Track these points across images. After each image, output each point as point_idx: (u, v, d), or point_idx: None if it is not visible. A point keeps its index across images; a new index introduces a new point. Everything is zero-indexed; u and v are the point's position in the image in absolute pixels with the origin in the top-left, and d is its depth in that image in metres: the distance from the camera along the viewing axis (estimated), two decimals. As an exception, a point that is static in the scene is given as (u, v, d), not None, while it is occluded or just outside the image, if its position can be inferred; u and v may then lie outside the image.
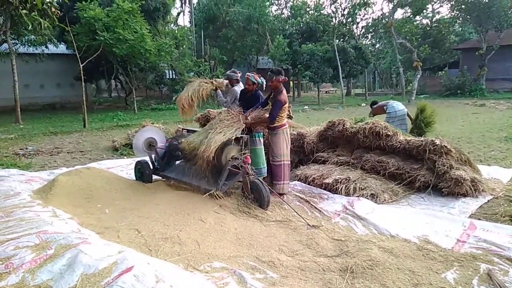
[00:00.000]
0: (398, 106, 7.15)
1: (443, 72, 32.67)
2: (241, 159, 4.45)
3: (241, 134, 4.59)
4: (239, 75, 5.55)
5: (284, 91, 4.74)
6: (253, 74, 4.91)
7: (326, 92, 37.10)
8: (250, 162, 4.42)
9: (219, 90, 5.38)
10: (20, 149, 8.49)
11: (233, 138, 4.47)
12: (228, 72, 5.58)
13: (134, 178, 5.55)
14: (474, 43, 26.24)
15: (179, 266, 2.88)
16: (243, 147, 4.58)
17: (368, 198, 4.53)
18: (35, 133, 10.83)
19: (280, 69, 4.76)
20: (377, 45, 38.98)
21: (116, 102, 23.77)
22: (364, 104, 20.47)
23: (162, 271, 2.43)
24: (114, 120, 14.07)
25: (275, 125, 4.71)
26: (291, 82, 29.65)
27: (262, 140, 5.16)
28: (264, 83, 5.05)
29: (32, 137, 10.28)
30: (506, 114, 13.50)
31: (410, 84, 29.17)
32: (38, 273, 2.44)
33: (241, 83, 5.56)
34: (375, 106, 7.65)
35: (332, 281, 2.76)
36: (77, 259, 2.52)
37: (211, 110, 7.59)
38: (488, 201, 4.50)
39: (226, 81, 5.45)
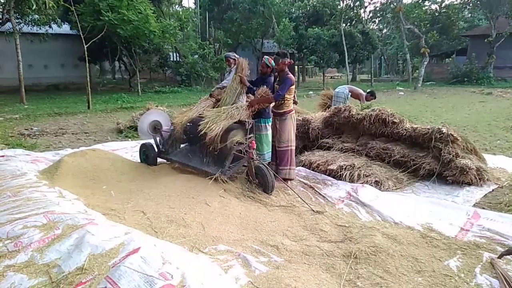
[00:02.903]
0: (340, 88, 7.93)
1: (450, 59, 32.22)
2: (246, 144, 4.45)
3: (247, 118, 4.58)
4: (237, 57, 5.62)
5: (291, 74, 4.70)
6: (268, 57, 4.87)
7: (331, 77, 36.76)
8: (255, 147, 4.42)
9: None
10: (25, 129, 8.53)
11: (238, 122, 4.48)
12: (227, 53, 5.71)
13: (139, 161, 5.57)
14: (484, 30, 25.77)
15: (184, 248, 2.92)
16: (248, 132, 4.57)
17: (372, 185, 4.53)
18: (39, 114, 10.84)
19: (286, 52, 4.73)
20: (384, 30, 38.37)
21: (119, 84, 23.66)
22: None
23: (169, 253, 2.46)
24: (118, 102, 14.04)
25: (284, 110, 4.69)
26: (296, 67, 29.38)
27: (269, 126, 5.12)
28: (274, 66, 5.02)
29: (36, 118, 10.30)
30: (513, 103, 13.37)
31: (417, 71, 28.83)
32: (47, 252, 2.47)
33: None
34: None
35: (335, 266, 2.80)
36: (84, 240, 2.55)
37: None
38: (493, 190, 4.50)
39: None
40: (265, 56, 4.96)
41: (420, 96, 17.32)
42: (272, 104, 4.91)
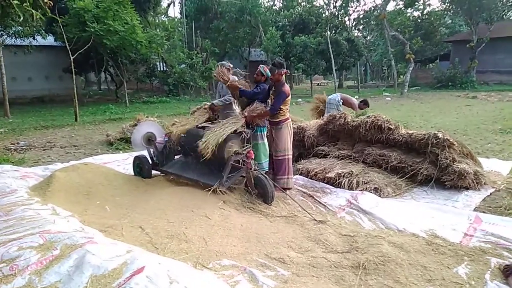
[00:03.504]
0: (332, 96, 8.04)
1: (434, 64, 32.86)
2: (244, 154, 4.39)
3: (243, 129, 4.54)
4: (232, 66, 5.60)
5: (286, 84, 4.68)
6: (263, 66, 4.86)
7: (318, 84, 37.06)
8: (253, 157, 4.36)
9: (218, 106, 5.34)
10: (11, 143, 8.27)
11: (235, 132, 4.42)
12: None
13: (132, 174, 5.44)
14: (465, 35, 26.43)
15: (187, 264, 2.82)
16: (245, 142, 4.52)
17: (371, 192, 4.50)
18: (25, 127, 10.57)
19: (283, 62, 4.69)
20: (368, 37, 39.01)
21: (106, 95, 23.35)
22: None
23: (175, 271, 2.37)
24: (106, 113, 13.81)
25: (280, 119, 4.66)
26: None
27: (264, 135, 5.11)
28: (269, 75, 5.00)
29: (22, 131, 10.03)
30: (498, 106, 13.64)
31: (401, 77, 29.30)
32: (45, 275, 2.35)
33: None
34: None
35: (344, 278, 2.73)
36: (85, 260, 2.43)
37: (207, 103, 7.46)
38: (491, 194, 4.52)
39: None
40: (261, 65, 4.96)
41: (407, 101, 17.56)
42: None
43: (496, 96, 17.50)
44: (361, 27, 36.22)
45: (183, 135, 5.07)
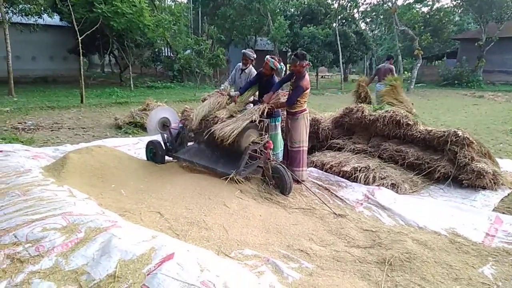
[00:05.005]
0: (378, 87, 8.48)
1: (441, 61, 32.62)
2: (262, 143, 4.33)
3: (262, 118, 4.47)
4: (255, 56, 5.48)
5: (307, 77, 4.60)
6: (273, 60, 4.70)
7: (322, 76, 36.78)
8: (272, 147, 4.30)
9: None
10: (19, 123, 8.19)
11: (255, 121, 4.36)
12: (245, 50, 5.43)
13: (144, 158, 5.39)
14: (474, 33, 26.18)
15: (214, 254, 2.78)
16: (264, 132, 4.45)
17: (389, 188, 4.47)
18: (31, 107, 10.46)
19: (305, 53, 4.58)
20: (375, 31, 38.60)
21: (109, 78, 23.14)
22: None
23: (204, 259, 2.33)
24: (112, 96, 13.67)
25: (296, 110, 4.59)
26: (288, 65, 29.30)
27: (279, 125, 5.06)
28: (284, 68, 4.89)
29: (28, 111, 9.92)
30: (506, 107, 13.56)
31: (405, 73, 29.06)
32: (72, 258, 2.30)
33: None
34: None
35: (370, 273, 2.71)
36: (112, 244, 2.39)
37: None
38: (508, 194, 4.49)
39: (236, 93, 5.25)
40: (270, 59, 4.71)
41: (414, 98, 17.38)
42: None
43: (504, 96, 17.40)
44: (368, 20, 35.82)
45: (199, 122, 4.99)
